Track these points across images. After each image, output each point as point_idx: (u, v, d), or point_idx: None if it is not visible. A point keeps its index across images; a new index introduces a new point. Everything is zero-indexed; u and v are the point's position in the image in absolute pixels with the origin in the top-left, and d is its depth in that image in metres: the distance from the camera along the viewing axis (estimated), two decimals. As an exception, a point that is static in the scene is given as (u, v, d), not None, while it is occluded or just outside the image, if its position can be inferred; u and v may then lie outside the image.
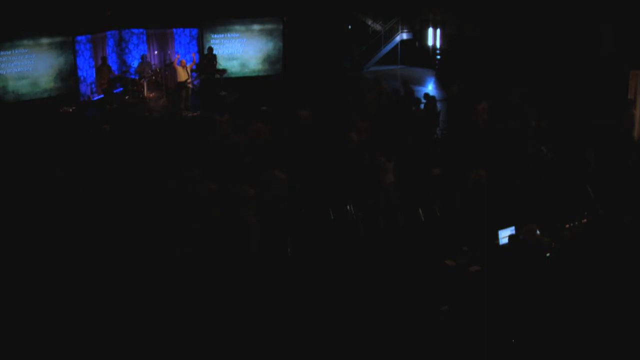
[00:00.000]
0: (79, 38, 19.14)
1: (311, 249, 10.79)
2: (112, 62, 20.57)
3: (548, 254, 9.18)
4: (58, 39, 18.54)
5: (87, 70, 19.66)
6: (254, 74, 22.31)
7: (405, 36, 27.53)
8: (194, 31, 21.37)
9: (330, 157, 13.58)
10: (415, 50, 27.54)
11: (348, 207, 12.02)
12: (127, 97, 19.57)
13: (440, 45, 26.45)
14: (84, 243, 10.41)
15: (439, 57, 26.18)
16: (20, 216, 11.05)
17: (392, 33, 27.37)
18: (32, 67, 18.11)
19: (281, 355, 8.13)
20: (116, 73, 20.35)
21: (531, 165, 12.75)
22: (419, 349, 8.16)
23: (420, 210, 11.70)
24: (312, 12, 23.78)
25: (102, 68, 19.29)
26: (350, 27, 27.72)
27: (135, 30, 21.22)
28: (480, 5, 22.67)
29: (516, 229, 9.53)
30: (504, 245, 9.31)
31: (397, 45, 27.36)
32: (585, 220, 10.23)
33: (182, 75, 19.01)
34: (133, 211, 11.27)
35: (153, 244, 10.25)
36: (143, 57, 20.32)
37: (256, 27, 22.27)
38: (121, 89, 19.99)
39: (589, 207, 11.00)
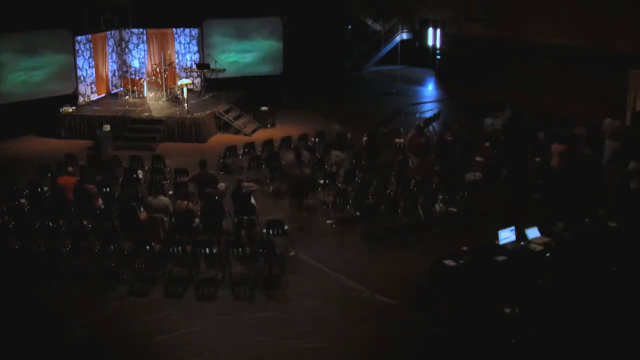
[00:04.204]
0: (79, 38, 19.12)
1: (311, 248, 10.79)
2: (112, 62, 20.57)
3: (548, 254, 9.19)
4: (58, 39, 18.50)
5: (87, 70, 19.64)
6: (254, 74, 22.29)
7: (405, 36, 27.50)
8: (194, 31, 21.36)
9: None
10: (415, 50, 27.52)
11: (348, 207, 12.02)
12: (127, 97, 19.56)
13: (440, 45, 26.44)
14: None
15: (439, 57, 26.17)
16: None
17: (392, 33, 27.36)
18: (32, 67, 18.08)
19: (279, 353, 8.14)
20: (116, 73, 20.35)
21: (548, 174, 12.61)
22: (418, 348, 8.17)
23: (420, 210, 11.70)
24: (312, 12, 23.78)
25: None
26: (350, 27, 27.70)
27: (135, 30, 21.21)
28: (480, 5, 22.66)
29: (516, 229, 9.53)
30: (503, 245, 9.31)
31: (397, 45, 27.35)
32: (585, 220, 10.23)
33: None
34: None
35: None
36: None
37: (256, 26, 22.25)
38: (121, 89, 19.96)
39: (589, 207, 10.98)
